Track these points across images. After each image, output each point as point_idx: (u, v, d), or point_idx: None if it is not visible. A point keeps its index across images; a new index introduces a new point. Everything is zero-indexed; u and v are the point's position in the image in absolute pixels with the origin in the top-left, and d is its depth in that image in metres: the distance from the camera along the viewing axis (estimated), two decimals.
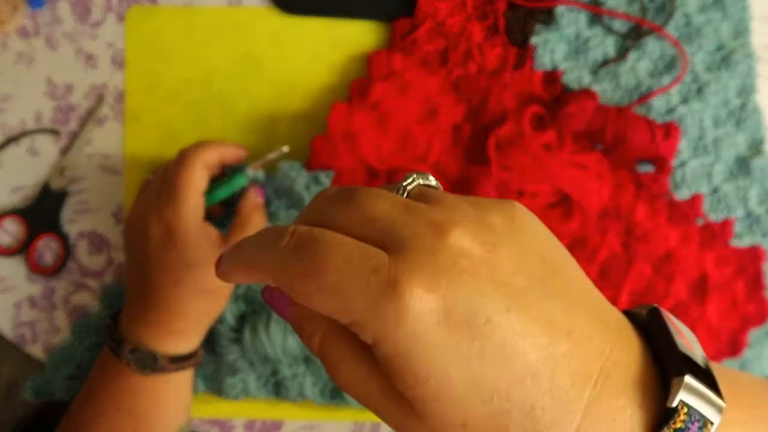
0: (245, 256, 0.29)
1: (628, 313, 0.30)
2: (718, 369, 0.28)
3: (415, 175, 0.30)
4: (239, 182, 0.57)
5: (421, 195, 0.29)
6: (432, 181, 0.31)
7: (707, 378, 0.26)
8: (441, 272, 0.25)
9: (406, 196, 0.29)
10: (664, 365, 0.27)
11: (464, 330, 0.25)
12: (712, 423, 0.26)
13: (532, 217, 0.29)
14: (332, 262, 0.26)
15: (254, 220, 0.57)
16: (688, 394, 0.26)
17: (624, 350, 0.27)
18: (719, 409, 0.26)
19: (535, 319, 0.25)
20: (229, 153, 0.57)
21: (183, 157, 0.54)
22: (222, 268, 0.30)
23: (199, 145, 0.55)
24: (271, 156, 0.57)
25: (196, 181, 0.53)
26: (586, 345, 0.26)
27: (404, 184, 0.30)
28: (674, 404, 0.25)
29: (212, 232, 0.55)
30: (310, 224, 0.28)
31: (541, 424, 0.25)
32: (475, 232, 0.26)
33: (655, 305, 0.29)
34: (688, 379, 0.26)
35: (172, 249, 0.52)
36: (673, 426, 0.25)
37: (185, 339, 0.55)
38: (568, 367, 0.25)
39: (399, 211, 0.27)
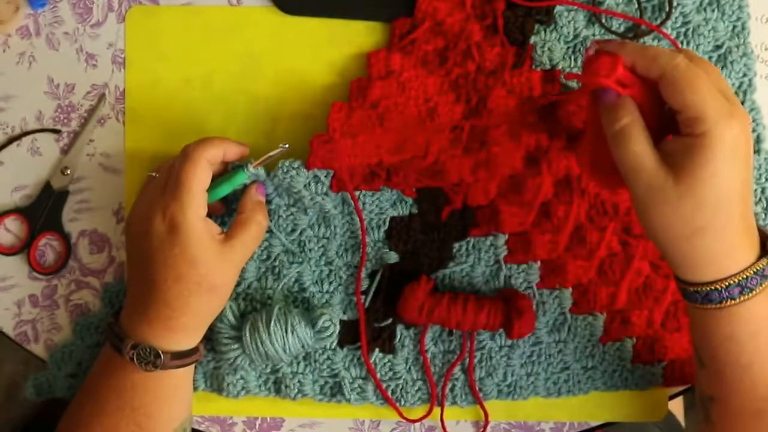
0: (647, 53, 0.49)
1: None
2: None
3: None
4: (240, 179, 0.58)
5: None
6: None
7: None
8: (744, 123, 0.47)
9: None
10: None
11: (741, 155, 0.46)
12: None
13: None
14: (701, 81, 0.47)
15: (256, 218, 0.57)
16: None
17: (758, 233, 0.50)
18: None
19: (751, 178, 0.48)
20: (232, 149, 0.57)
21: (187, 154, 0.54)
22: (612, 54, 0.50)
23: (202, 142, 0.55)
24: (272, 154, 0.58)
25: (200, 177, 0.54)
26: (745, 219, 0.48)
27: None
28: None
29: (214, 228, 0.55)
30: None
31: (725, 224, 0.47)
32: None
33: None
34: None
35: (176, 245, 0.53)
36: (764, 262, 0.48)
37: (187, 335, 0.55)
38: (746, 212, 0.48)
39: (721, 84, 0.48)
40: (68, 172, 0.65)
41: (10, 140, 0.65)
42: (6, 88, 0.65)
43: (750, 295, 0.47)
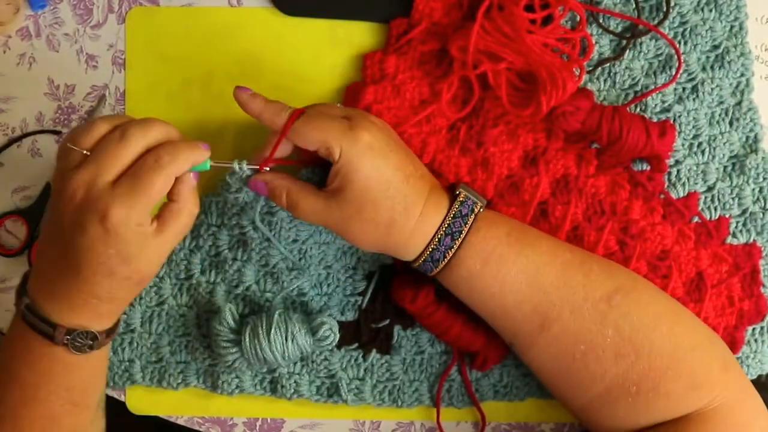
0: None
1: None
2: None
3: None
4: (203, 167, 0.53)
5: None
6: None
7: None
8: (369, 130, 0.54)
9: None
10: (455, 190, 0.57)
11: (379, 152, 0.53)
12: (479, 204, 0.56)
13: (385, 126, 0.57)
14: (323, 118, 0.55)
15: (188, 207, 0.53)
16: (465, 191, 0.56)
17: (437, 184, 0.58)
18: (483, 203, 0.57)
19: (406, 157, 0.55)
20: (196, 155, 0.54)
21: (163, 164, 0.51)
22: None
23: (184, 152, 0.52)
24: (228, 164, 0.56)
25: (165, 191, 0.52)
26: (423, 179, 0.56)
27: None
28: (457, 192, 0.56)
29: (146, 221, 0.52)
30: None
31: (407, 204, 0.54)
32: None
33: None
34: (463, 186, 0.57)
35: (111, 246, 0.50)
36: (458, 200, 0.55)
37: (112, 316, 0.55)
38: (416, 184, 0.55)
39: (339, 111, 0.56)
40: None
41: (11, 141, 0.65)
42: (6, 89, 0.65)
43: (445, 259, 0.55)
